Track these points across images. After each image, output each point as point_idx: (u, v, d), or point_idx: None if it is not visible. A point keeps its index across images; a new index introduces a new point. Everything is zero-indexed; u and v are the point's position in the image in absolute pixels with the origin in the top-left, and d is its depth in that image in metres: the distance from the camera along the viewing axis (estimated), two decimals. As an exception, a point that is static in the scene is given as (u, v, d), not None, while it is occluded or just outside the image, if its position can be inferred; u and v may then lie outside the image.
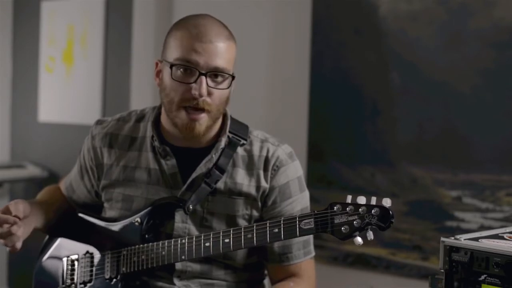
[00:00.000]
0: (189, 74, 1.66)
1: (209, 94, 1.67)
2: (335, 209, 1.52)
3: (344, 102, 2.90)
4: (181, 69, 1.67)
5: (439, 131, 2.67)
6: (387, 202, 1.49)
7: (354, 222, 1.49)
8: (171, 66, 1.67)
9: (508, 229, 1.60)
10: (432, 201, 2.69)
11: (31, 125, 4.00)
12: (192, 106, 1.67)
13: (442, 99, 2.65)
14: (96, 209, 1.92)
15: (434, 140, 2.69)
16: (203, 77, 1.65)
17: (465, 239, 1.45)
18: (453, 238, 1.46)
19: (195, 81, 1.65)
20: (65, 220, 1.92)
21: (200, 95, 1.65)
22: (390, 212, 1.48)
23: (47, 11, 3.89)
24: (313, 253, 1.85)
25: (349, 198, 1.52)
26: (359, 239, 1.50)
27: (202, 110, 1.67)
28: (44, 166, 3.87)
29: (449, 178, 2.64)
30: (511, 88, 2.52)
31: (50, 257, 1.87)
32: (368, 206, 1.50)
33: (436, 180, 2.67)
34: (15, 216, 1.70)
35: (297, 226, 1.55)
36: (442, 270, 1.46)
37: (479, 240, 1.46)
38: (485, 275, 1.40)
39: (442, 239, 1.47)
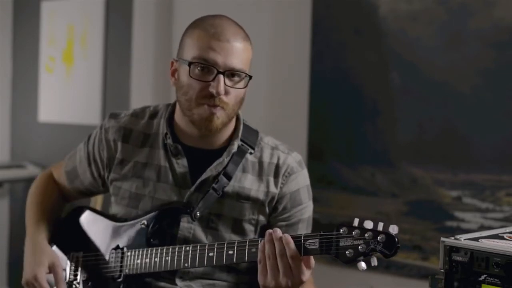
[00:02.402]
0: (206, 73, 1.67)
1: (226, 93, 1.68)
2: (341, 232, 1.50)
3: (344, 102, 2.90)
4: (199, 68, 1.67)
5: (439, 131, 2.67)
6: (394, 229, 1.47)
7: (359, 246, 1.47)
8: (189, 64, 1.67)
9: (508, 229, 1.59)
10: (432, 201, 2.69)
11: (31, 125, 4.00)
12: (209, 104, 1.67)
13: (442, 99, 2.65)
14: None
15: (434, 140, 2.69)
16: (221, 76, 1.66)
17: (465, 239, 1.45)
18: (453, 238, 1.46)
19: (212, 80, 1.66)
20: (66, 223, 1.93)
21: (218, 93, 1.66)
22: (396, 239, 1.45)
23: (47, 11, 3.89)
24: None
25: (356, 221, 1.51)
26: (363, 264, 1.48)
27: (219, 106, 1.68)
28: (44, 166, 3.87)
29: (449, 178, 2.64)
30: (511, 88, 2.51)
31: (55, 252, 1.87)
32: (375, 231, 1.47)
33: (436, 180, 2.67)
34: None
35: (302, 245, 1.53)
36: (442, 270, 1.46)
37: (479, 240, 1.46)
38: (485, 275, 1.40)
39: (442, 239, 1.47)
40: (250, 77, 1.72)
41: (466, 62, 2.59)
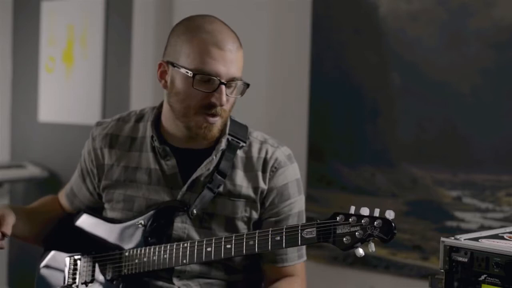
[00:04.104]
0: (207, 82, 1.66)
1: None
2: (337, 219, 1.51)
3: (344, 102, 2.90)
4: (199, 77, 1.66)
5: (439, 131, 2.67)
6: (390, 214, 1.48)
7: (356, 233, 1.49)
8: (194, 75, 1.65)
9: (508, 229, 1.60)
10: (432, 201, 2.69)
11: (31, 125, 4.00)
12: (209, 113, 1.67)
13: (442, 99, 2.65)
14: (98, 211, 1.92)
15: (434, 140, 2.69)
16: (223, 86, 1.66)
17: (465, 239, 1.45)
18: (453, 238, 1.46)
19: (215, 90, 1.66)
20: (62, 226, 1.93)
21: (221, 104, 1.66)
22: (393, 224, 1.47)
23: (47, 11, 3.89)
24: (305, 257, 1.86)
25: (352, 209, 1.52)
26: (360, 251, 1.49)
27: (218, 115, 1.69)
28: (44, 166, 3.87)
29: (449, 178, 2.64)
30: (511, 88, 2.52)
31: (53, 256, 1.88)
32: (371, 217, 1.49)
33: (436, 180, 2.67)
34: (2, 233, 1.74)
35: (299, 234, 1.54)
36: (442, 270, 1.46)
37: (479, 240, 1.46)
38: (485, 275, 1.40)
39: (442, 239, 1.47)
40: (248, 85, 1.72)
41: (466, 62, 2.59)
